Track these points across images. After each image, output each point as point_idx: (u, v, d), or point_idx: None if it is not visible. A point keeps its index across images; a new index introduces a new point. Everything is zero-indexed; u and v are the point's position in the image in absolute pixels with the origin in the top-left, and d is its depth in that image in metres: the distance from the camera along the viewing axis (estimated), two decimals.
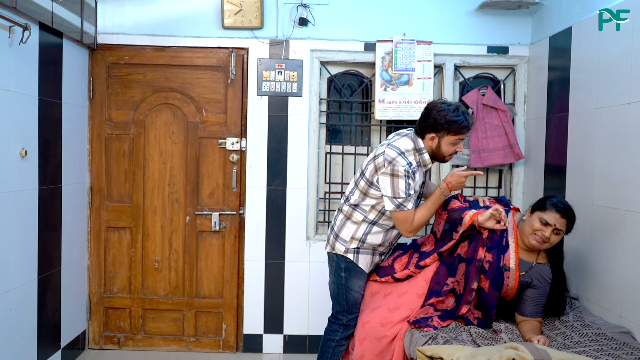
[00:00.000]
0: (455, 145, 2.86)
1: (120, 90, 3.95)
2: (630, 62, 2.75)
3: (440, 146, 2.85)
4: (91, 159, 3.97)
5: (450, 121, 2.78)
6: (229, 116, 3.96)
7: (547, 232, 2.65)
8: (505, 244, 2.75)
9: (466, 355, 2.19)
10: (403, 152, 2.83)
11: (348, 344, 3.10)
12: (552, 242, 2.68)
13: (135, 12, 3.89)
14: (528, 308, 2.72)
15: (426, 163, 2.90)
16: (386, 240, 3.04)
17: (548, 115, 3.64)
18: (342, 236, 3.01)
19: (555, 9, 3.60)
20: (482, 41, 3.97)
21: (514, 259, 2.72)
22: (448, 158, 2.91)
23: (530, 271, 2.74)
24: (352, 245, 2.99)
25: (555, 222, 2.64)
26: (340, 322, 3.05)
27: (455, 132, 2.81)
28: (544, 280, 2.74)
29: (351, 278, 3.02)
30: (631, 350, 2.40)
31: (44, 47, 3.25)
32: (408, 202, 2.80)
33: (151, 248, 4.01)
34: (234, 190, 3.98)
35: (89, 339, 4.04)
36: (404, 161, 2.80)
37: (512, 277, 2.71)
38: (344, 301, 3.04)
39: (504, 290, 2.74)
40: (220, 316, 4.04)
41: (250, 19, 3.84)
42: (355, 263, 2.99)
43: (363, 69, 4.07)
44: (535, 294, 2.73)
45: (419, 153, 2.88)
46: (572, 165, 3.31)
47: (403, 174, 2.77)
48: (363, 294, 3.07)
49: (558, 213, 2.65)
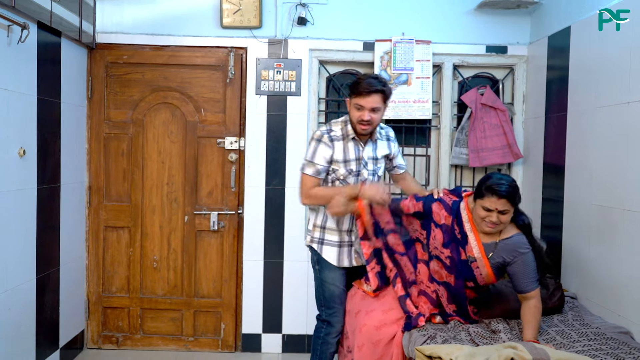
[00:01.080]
0: (359, 110, 2.80)
1: (118, 90, 3.95)
2: (629, 62, 2.75)
3: (350, 111, 2.87)
4: (90, 158, 3.96)
5: (353, 83, 2.84)
6: (228, 115, 3.96)
7: (493, 217, 2.56)
8: (461, 236, 2.69)
9: (465, 355, 2.19)
10: (331, 122, 2.99)
11: (339, 344, 3.09)
12: (505, 221, 2.58)
13: (133, 11, 3.89)
14: (519, 284, 2.62)
15: (349, 133, 2.90)
16: (342, 225, 2.97)
17: (547, 114, 3.64)
18: (308, 226, 3.07)
19: (554, 8, 3.60)
20: (480, 41, 3.97)
21: (477, 247, 2.66)
22: (359, 127, 2.85)
23: (496, 250, 2.65)
24: (315, 234, 3.00)
25: (496, 206, 2.54)
26: (321, 317, 3.08)
27: (356, 93, 2.80)
28: (518, 252, 2.62)
29: (323, 270, 3.02)
30: (630, 350, 2.40)
31: (42, 46, 3.25)
32: (308, 167, 2.87)
33: (150, 247, 4.01)
34: (232, 190, 3.97)
35: (87, 339, 4.03)
36: (323, 129, 2.93)
37: (482, 265, 2.66)
38: (321, 295, 3.06)
39: (481, 280, 2.69)
40: (219, 316, 4.03)
41: (249, 18, 3.84)
42: (320, 254, 2.99)
43: (362, 68, 4.07)
44: (519, 268, 2.62)
45: (345, 124, 2.93)
46: (570, 165, 3.32)
47: (316, 138, 2.89)
48: (341, 287, 3.03)
49: (494, 196, 2.54)
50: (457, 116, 4.10)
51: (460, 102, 4.04)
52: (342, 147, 2.89)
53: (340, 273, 3.02)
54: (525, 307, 2.60)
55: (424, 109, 3.94)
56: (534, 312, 2.58)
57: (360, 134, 2.89)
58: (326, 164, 2.87)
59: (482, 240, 2.67)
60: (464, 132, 3.97)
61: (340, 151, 2.89)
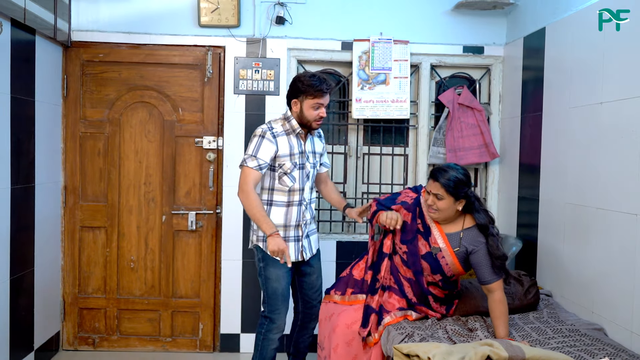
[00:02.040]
0: (317, 110, 2.99)
1: (94, 88, 3.90)
2: (602, 63, 2.80)
3: (303, 111, 3.00)
4: (65, 157, 3.91)
5: (307, 85, 2.96)
6: (206, 115, 3.94)
7: (430, 200, 2.70)
8: (424, 229, 2.78)
9: (442, 353, 2.20)
10: (270, 121, 3.08)
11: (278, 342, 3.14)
12: (440, 207, 2.68)
13: (110, 9, 3.85)
14: (482, 274, 2.67)
15: (295, 128, 3.03)
16: (288, 219, 3.06)
17: (522, 114, 3.69)
18: (253, 227, 3.10)
19: (529, 9, 3.65)
20: (457, 41, 4.00)
21: (440, 237, 2.75)
22: (314, 124, 3.04)
23: (461, 241, 2.73)
24: (260, 232, 3.03)
25: (432, 189, 2.69)
26: (263, 313, 3.13)
27: (312, 95, 2.96)
28: (479, 242, 2.69)
29: (268, 267, 3.06)
30: (603, 346, 2.45)
31: (16, 44, 3.19)
32: (250, 160, 2.94)
33: (127, 248, 3.97)
34: (210, 190, 3.95)
35: (63, 340, 3.98)
36: (264, 126, 3.03)
37: (447, 256, 2.72)
38: (264, 291, 3.11)
39: (447, 270, 2.74)
40: (197, 316, 4.01)
41: (227, 17, 3.82)
42: (266, 252, 3.03)
43: (340, 68, 4.08)
44: (479, 258, 2.68)
45: (287, 121, 3.05)
46: (546, 164, 3.36)
47: (259, 134, 2.98)
48: (284, 284, 3.08)
49: (431, 179, 2.72)
50: (434, 116, 4.13)
51: (437, 102, 4.08)
52: (286, 141, 3.02)
53: (285, 269, 3.05)
54: (492, 303, 2.65)
55: (401, 108, 3.96)
56: (501, 307, 2.62)
57: (312, 129, 3.07)
58: (269, 160, 2.97)
59: (445, 230, 2.76)
60: (441, 132, 4.01)
61: (286, 146, 3.01)
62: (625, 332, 2.55)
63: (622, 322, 2.59)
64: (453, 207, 2.69)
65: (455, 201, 2.68)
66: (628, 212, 2.55)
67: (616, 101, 2.67)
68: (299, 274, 3.22)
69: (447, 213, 2.71)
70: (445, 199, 2.66)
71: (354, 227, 4.15)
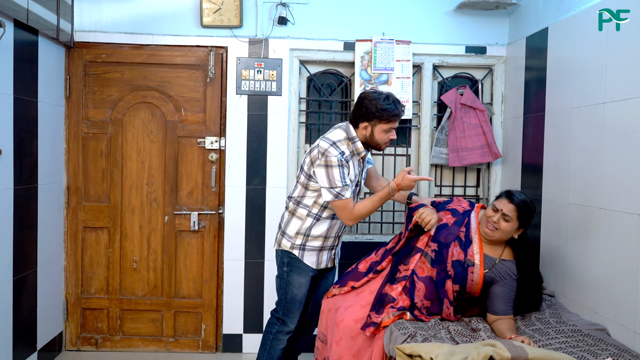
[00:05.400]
0: (388, 133, 2.94)
1: (97, 89, 3.91)
2: (605, 63, 2.79)
3: (374, 134, 2.93)
4: (68, 158, 3.92)
5: (381, 109, 2.86)
6: (208, 115, 3.94)
7: (495, 218, 2.72)
8: (465, 240, 2.80)
9: (445, 353, 2.20)
10: (335, 142, 2.91)
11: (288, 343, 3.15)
12: (503, 228, 2.72)
13: (112, 9, 3.85)
14: (498, 306, 2.73)
15: (359, 151, 2.97)
16: (330, 231, 3.07)
17: (525, 114, 3.68)
18: (288, 232, 3.06)
19: (532, 10, 3.64)
20: (460, 41, 4.00)
21: (478, 254, 2.77)
22: (384, 146, 3.00)
23: (494, 268, 2.78)
24: (297, 240, 3.02)
25: (503, 208, 2.72)
26: (277, 314, 3.12)
27: (386, 120, 2.89)
28: (509, 277, 2.77)
29: (292, 273, 3.06)
30: (606, 347, 2.44)
31: (19, 44, 3.20)
32: (345, 191, 2.87)
33: (129, 248, 3.97)
34: (213, 190, 3.96)
35: (66, 341, 3.99)
36: (336, 151, 2.87)
37: (476, 273, 2.75)
38: (282, 295, 3.10)
39: (469, 285, 2.77)
40: (200, 316, 4.02)
41: (229, 17, 3.83)
42: (300, 259, 3.03)
43: (342, 68, 4.08)
44: (502, 291, 2.75)
45: (352, 142, 2.96)
46: (548, 164, 3.36)
47: (336, 164, 2.84)
48: (303, 292, 3.09)
49: (507, 199, 2.74)
50: (437, 116, 4.12)
51: (440, 102, 4.07)
52: (352, 165, 2.98)
53: (307, 278, 3.07)
54: (502, 322, 2.71)
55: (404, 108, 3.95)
56: (512, 329, 2.68)
57: (379, 150, 3.04)
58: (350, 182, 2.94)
59: (485, 250, 2.80)
60: (443, 132, 4.00)
61: (352, 169, 2.97)
62: (629, 332, 2.55)
63: (625, 322, 2.58)
64: (512, 232, 2.75)
65: (517, 228, 2.74)
66: (631, 213, 2.55)
67: (619, 101, 2.67)
68: (319, 278, 3.23)
69: (504, 236, 2.76)
70: (512, 222, 2.72)
71: (356, 227, 4.15)
